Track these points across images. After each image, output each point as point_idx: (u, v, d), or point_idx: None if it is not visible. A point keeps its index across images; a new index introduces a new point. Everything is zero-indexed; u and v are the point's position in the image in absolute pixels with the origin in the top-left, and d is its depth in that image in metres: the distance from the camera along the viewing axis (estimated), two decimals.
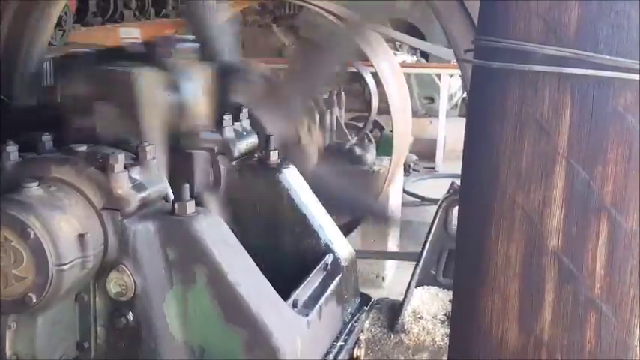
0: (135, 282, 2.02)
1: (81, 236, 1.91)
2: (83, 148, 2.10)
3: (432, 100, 9.57)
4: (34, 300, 1.85)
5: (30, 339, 1.95)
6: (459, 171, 1.73)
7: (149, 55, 2.49)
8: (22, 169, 2.04)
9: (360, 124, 6.45)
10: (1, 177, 2.04)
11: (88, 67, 2.41)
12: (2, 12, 3.05)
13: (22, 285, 1.85)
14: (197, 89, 2.52)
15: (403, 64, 7.95)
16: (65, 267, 1.86)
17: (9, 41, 2.99)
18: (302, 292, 2.37)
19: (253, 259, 2.18)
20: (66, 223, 1.90)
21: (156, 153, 2.16)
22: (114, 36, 11.38)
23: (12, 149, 2.06)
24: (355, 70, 6.51)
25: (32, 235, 1.82)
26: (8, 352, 1.92)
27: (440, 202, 4.06)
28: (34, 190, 1.90)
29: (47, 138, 2.20)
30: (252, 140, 2.67)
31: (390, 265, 5.87)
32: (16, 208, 1.84)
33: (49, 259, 1.84)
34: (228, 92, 2.70)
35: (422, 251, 3.93)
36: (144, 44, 2.68)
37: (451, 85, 9.27)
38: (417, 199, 7.56)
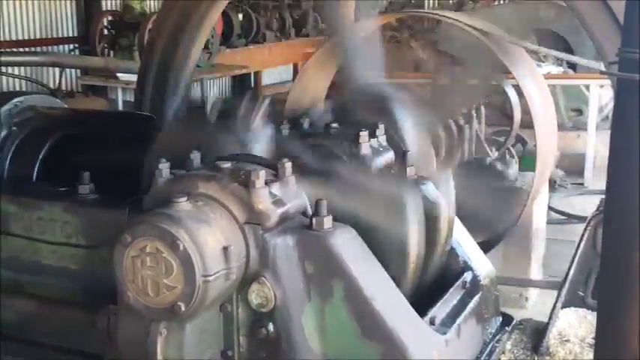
0: (275, 294, 2.08)
1: (225, 249, 1.99)
2: (227, 164, 2.20)
3: (579, 112, 9.13)
4: (183, 309, 1.95)
5: (179, 345, 2.05)
6: None
7: None
8: (173, 185, 2.16)
9: (502, 139, 6.28)
10: (154, 192, 2.18)
11: None
12: (156, 35, 3.26)
13: (172, 294, 1.96)
14: None
15: (548, 76, 7.66)
16: (211, 278, 1.95)
17: (161, 64, 3.18)
18: (439, 310, 2.34)
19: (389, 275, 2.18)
20: (212, 236, 1.98)
21: None
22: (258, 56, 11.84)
23: (164, 166, 2.19)
24: (495, 82, 6.36)
25: (181, 247, 1.92)
26: (159, 356, 2.03)
27: (588, 219, 3.87)
28: (183, 204, 2.01)
29: (195, 155, 2.33)
30: (389, 156, 2.67)
31: None
32: (166, 221, 1.95)
33: (196, 270, 1.93)
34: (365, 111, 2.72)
35: (568, 271, 3.76)
36: None
37: (601, 95, 8.80)
38: (563, 217, 7.23)
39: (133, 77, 3.65)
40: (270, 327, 2.11)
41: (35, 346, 2.57)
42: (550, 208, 6.65)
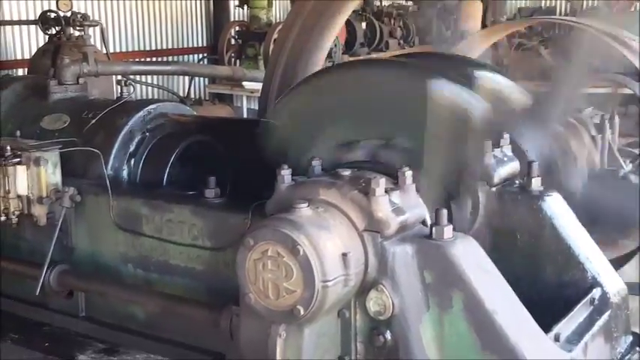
0: (393, 302, 2.07)
1: (344, 255, 2.00)
2: (348, 172, 2.22)
3: None
4: (302, 312, 1.98)
5: (297, 348, 2.09)
6: None
7: None
8: (294, 191, 2.20)
9: (637, 150, 5.94)
10: (276, 198, 2.23)
11: None
12: (281, 44, 3.33)
13: (292, 298, 1.99)
14: None
15: None
16: (329, 283, 1.97)
17: (285, 72, 3.25)
18: (565, 327, 2.24)
19: (512, 289, 2.12)
20: (331, 243, 2.00)
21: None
22: None
23: (286, 172, 2.24)
24: (631, 91, 6.02)
25: (301, 252, 1.95)
26: (278, 357, 2.07)
27: None
28: (304, 210, 2.04)
29: (317, 163, 2.36)
30: (514, 166, 2.59)
31: None
32: (288, 226, 1.99)
33: (316, 275, 1.95)
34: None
35: None
36: None
37: None
38: None
39: (258, 86, 3.75)
40: (388, 335, 2.10)
41: (160, 342, 2.70)
42: None
